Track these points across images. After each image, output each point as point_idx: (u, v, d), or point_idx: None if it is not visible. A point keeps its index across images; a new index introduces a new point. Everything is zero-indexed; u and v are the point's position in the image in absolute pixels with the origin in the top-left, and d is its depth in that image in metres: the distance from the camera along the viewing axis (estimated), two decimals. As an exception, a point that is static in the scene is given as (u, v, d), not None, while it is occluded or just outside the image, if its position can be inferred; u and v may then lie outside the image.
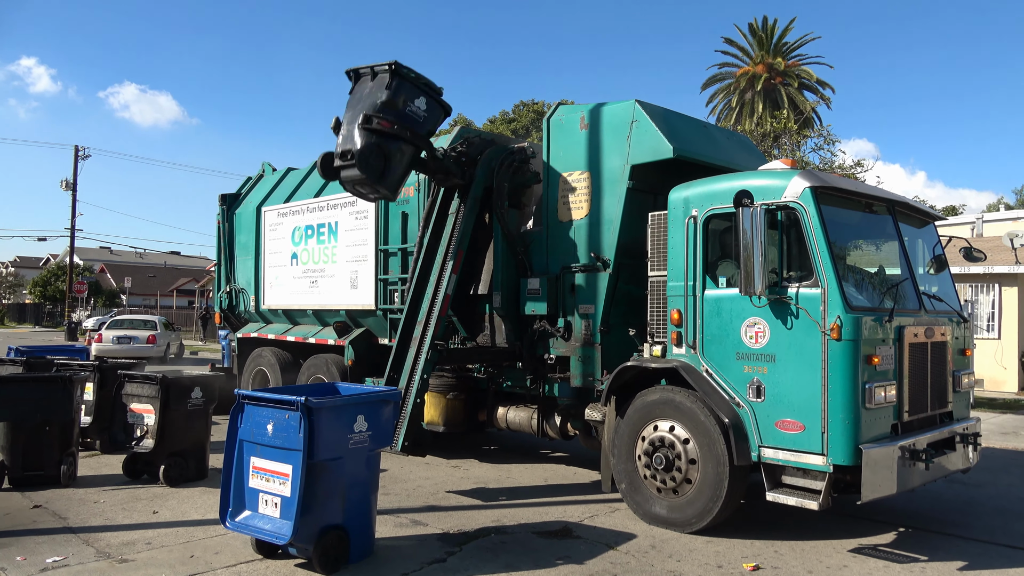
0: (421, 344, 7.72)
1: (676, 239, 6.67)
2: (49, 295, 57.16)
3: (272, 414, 5.22)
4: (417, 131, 7.32)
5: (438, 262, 8.08)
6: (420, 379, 7.58)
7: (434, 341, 7.68)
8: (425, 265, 8.25)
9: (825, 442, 5.65)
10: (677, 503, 6.36)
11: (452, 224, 8.18)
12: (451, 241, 8.05)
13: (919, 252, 7.10)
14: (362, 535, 5.52)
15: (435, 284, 7.97)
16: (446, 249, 8.05)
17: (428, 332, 7.72)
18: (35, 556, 5.52)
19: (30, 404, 7.58)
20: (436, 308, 7.82)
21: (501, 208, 8.23)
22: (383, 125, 6.96)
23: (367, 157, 6.91)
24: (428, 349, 7.63)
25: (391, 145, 7.11)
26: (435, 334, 7.70)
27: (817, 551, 5.99)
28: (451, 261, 7.93)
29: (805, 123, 31.47)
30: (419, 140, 7.40)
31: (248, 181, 12.68)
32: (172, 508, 6.92)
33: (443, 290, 7.86)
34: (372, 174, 6.98)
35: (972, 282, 18.17)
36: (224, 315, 12.57)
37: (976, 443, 6.74)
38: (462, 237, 8.03)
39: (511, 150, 8.60)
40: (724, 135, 9.03)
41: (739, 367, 6.14)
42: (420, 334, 7.79)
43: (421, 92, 7.37)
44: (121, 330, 24.90)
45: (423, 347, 7.68)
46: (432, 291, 7.95)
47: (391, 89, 7.08)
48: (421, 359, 7.64)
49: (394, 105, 7.09)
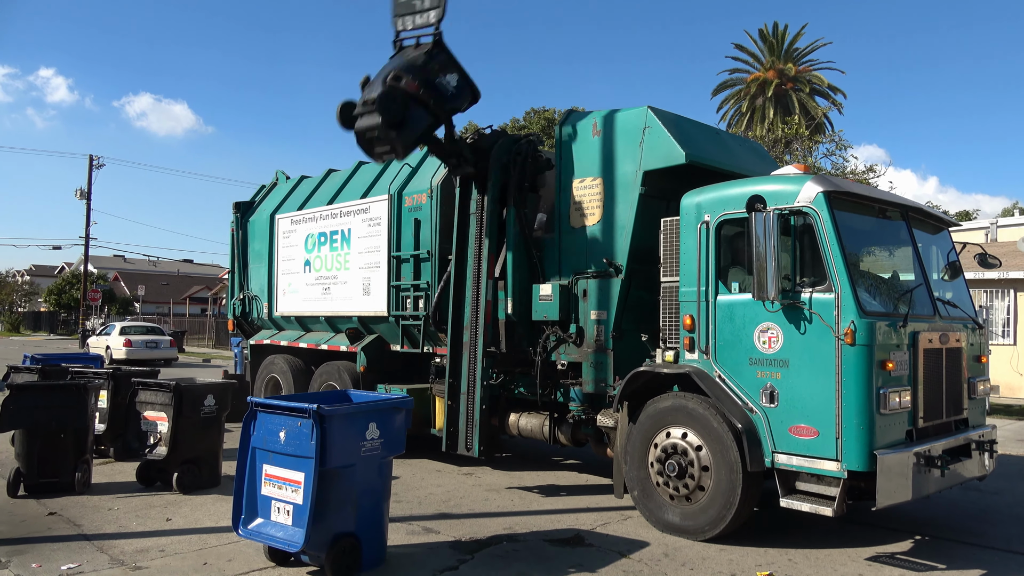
0: (474, 351, 7.89)
1: (688, 244, 6.65)
2: (64, 303, 57.64)
3: (284, 422, 5.24)
4: (441, 103, 7.24)
5: (471, 266, 8.10)
6: (481, 385, 7.81)
7: (486, 348, 7.87)
8: (459, 268, 8.29)
9: (839, 448, 5.60)
10: (690, 510, 6.33)
11: (476, 225, 8.16)
12: (480, 245, 8.07)
13: (933, 258, 7.05)
14: (374, 543, 5.51)
15: (474, 290, 8.02)
16: (477, 254, 8.07)
17: (479, 338, 7.88)
18: (50, 563, 5.55)
19: (45, 412, 7.62)
20: (480, 314, 7.93)
21: (519, 195, 8.21)
22: (410, 87, 6.86)
23: (388, 102, 6.75)
24: (483, 356, 7.85)
25: (413, 108, 7.01)
26: (486, 340, 7.88)
27: (832, 559, 5.94)
28: (484, 266, 7.99)
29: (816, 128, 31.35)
30: (441, 112, 7.29)
31: (262, 189, 12.77)
32: (185, 515, 6.94)
33: (483, 296, 7.96)
34: (389, 117, 6.78)
35: (987, 288, 18.03)
36: (237, 322, 12.64)
37: (992, 450, 6.67)
38: (490, 237, 8.06)
39: (520, 137, 8.61)
40: (736, 141, 9.02)
41: (752, 372, 6.11)
42: (471, 339, 7.95)
43: (456, 69, 7.31)
44: (149, 335, 27.74)
45: (477, 354, 7.86)
46: (472, 297, 8.01)
47: (428, 55, 7.05)
48: (478, 366, 7.84)
49: (426, 71, 7.03)
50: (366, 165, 10.81)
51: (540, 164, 8.44)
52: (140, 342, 26.89)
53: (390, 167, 10.04)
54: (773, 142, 24.61)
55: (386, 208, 9.59)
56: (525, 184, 8.30)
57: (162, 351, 27.34)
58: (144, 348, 26.67)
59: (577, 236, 7.85)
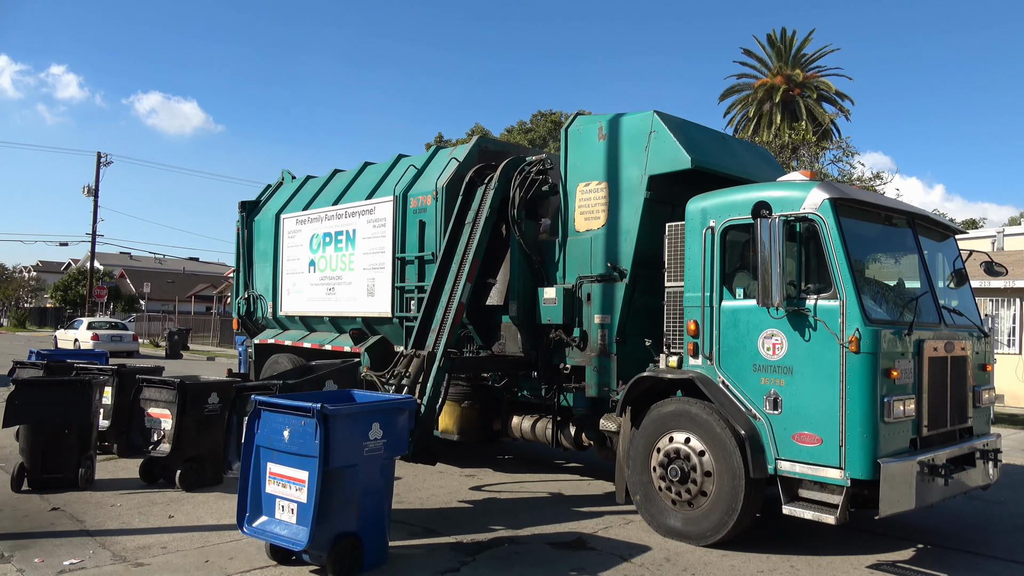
0: (434, 352, 7.74)
1: (693, 250, 6.65)
2: (70, 299, 57.79)
3: (288, 420, 5.25)
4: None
5: (453, 270, 8.11)
6: (432, 387, 7.59)
7: (447, 349, 7.70)
8: (441, 274, 8.28)
9: (843, 456, 5.59)
10: (692, 516, 6.32)
11: (468, 233, 8.22)
12: (467, 250, 8.09)
13: (939, 266, 7.04)
14: (376, 543, 5.52)
15: (449, 292, 8.02)
16: (461, 258, 8.09)
17: (441, 340, 7.75)
18: (52, 558, 5.57)
19: (50, 407, 7.66)
20: (450, 316, 7.85)
21: (517, 219, 8.25)
22: None
23: None
24: (441, 357, 7.65)
25: None
26: (448, 342, 7.72)
27: (834, 567, 5.93)
28: (466, 270, 7.96)
29: (824, 135, 31.28)
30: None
31: (268, 188, 12.80)
32: (188, 513, 6.96)
33: (457, 298, 7.91)
34: None
35: (993, 296, 17.97)
36: (242, 321, 12.66)
37: (996, 459, 6.64)
38: (478, 246, 8.06)
39: (527, 161, 8.62)
40: (742, 146, 9.01)
41: (756, 379, 6.10)
42: (433, 342, 7.82)
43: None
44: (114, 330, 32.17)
45: (436, 355, 7.70)
46: (447, 299, 7.99)
47: None
48: (434, 367, 7.65)
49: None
50: (372, 166, 10.84)
51: (544, 190, 8.46)
52: (106, 336, 30.52)
53: (396, 168, 10.07)
54: (780, 148, 24.56)
55: (391, 209, 9.60)
56: (528, 198, 8.34)
57: (125, 344, 31.13)
58: (109, 341, 29.73)
59: (582, 240, 7.85)
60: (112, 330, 31.99)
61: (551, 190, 8.41)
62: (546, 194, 8.49)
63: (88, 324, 32.01)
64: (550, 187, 8.41)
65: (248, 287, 12.40)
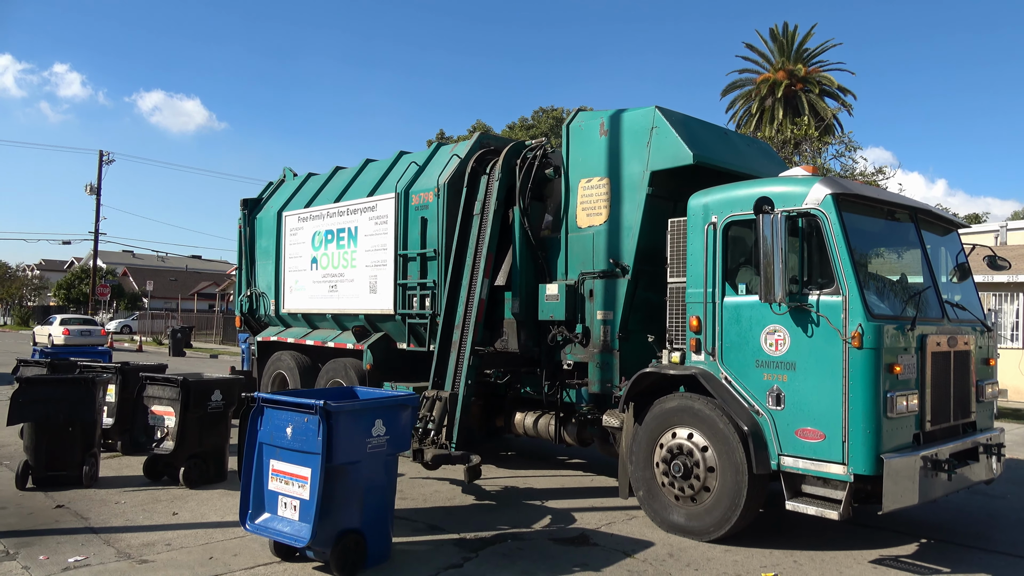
0: (462, 350, 7.93)
1: (695, 246, 6.64)
2: (73, 298, 57.87)
3: (291, 417, 5.26)
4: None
5: (468, 265, 8.18)
6: (465, 384, 7.84)
7: (474, 347, 7.90)
8: (456, 269, 8.35)
9: (846, 451, 5.59)
10: (695, 511, 6.33)
11: (478, 226, 8.26)
12: (479, 244, 8.15)
13: (942, 260, 7.02)
14: (379, 539, 5.53)
15: (468, 289, 8.11)
16: (475, 252, 8.16)
17: (467, 337, 7.94)
18: (57, 555, 5.59)
19: (54, 405, 7.67)
20: (472, 313, 8.01)
21: (523, 207, 8.30)
22: None
23: None
24: (470, 355, 7.86)
25: None
26: (475, 339, 7.92)
27: (837, 562, 5.93)
28: (482, 264, 8.07)
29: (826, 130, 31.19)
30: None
31: (270, 186, 12.80)
32: (191, 510, 6.98)
33: (476, 295, 8.04)
34: None
35: (996, 291, 17.94)
36: (244, 319, 12.67)
37: (1000, 454, 6.64)
38: (490, 240, 8.15)
39: (528, 146, 8.68)
40: (744, 142, 8.99)
41: (759, 375, 6.10)
42: (459, 339, 8.01)
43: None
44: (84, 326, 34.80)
45: (464, 352, 7.90)
46: (466, 296, 8.10)
47: None
48: (464, 365, 7.87)
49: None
50: (373, 163, 10.84)
51: (547, 171, 8.49)
52: (76, 331, 33.22)
53: (397, 165, 10.07)
54: (782, 143, 24.51)
55: (393, 206, 9.60)
56: (530, 185, 8.35)
57: (94, 338, 33.33)
58: (79, 336, 32.62)
59: (584, 236, 7.85)
60: (82, 325, 34.97)
61: (555, 172, 8.42)
62: (549, 178, 8.50)
63: (61, 320, 35.08)
64: (553, 170, 8.44)
65: (251, 284, 12.41)
